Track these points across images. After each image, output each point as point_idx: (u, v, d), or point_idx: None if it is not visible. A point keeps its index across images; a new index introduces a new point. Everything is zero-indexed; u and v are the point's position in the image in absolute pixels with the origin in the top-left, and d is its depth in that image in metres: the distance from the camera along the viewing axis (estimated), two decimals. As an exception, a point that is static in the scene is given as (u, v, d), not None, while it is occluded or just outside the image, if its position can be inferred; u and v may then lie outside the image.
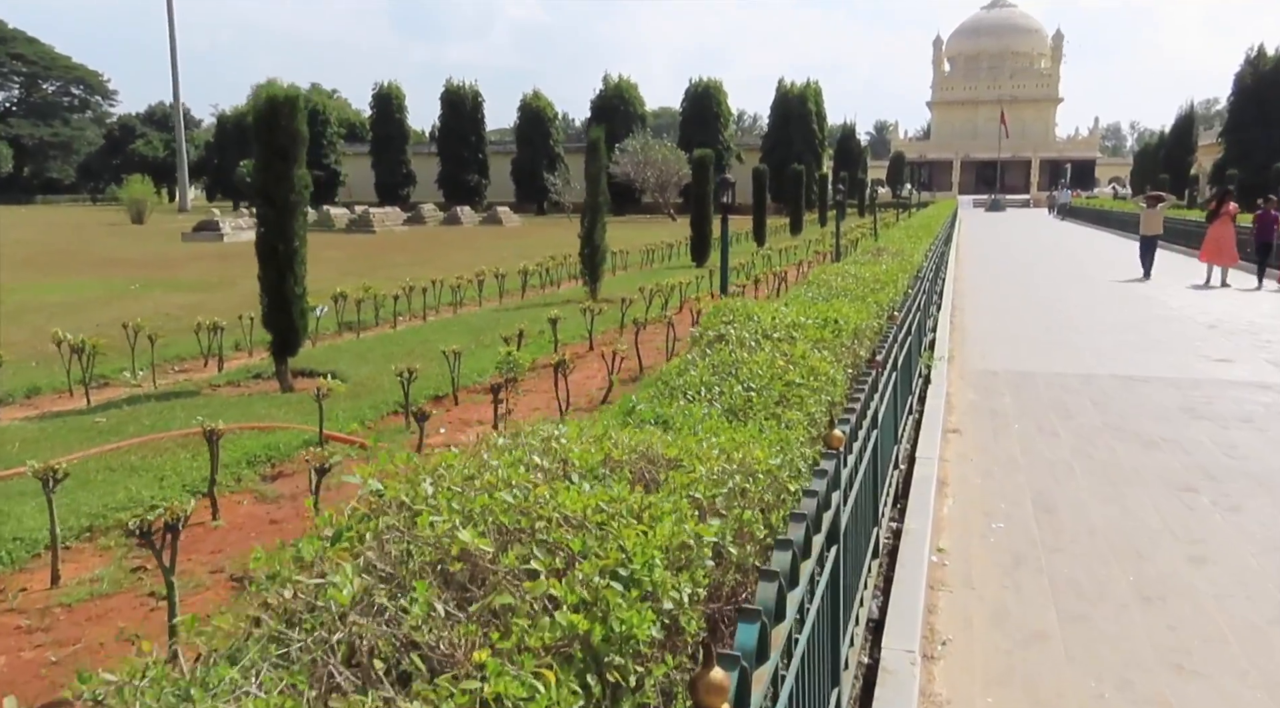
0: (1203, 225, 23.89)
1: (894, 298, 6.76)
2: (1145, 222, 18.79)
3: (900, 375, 5.74)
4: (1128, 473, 5.96)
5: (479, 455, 2.34)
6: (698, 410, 3.06)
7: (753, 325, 4.03)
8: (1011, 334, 11.66)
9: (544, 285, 18.47)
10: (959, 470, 6.08)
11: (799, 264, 20.23)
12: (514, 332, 12.32)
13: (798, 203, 35.08)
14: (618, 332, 11.30)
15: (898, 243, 10.92)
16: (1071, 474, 5.96)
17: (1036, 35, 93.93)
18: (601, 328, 13.05)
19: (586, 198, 15.48)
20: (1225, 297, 15.10)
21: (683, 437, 2.55)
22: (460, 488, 2.03)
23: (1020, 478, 5.90)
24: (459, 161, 68.29)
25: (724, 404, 3.19)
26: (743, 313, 4.25)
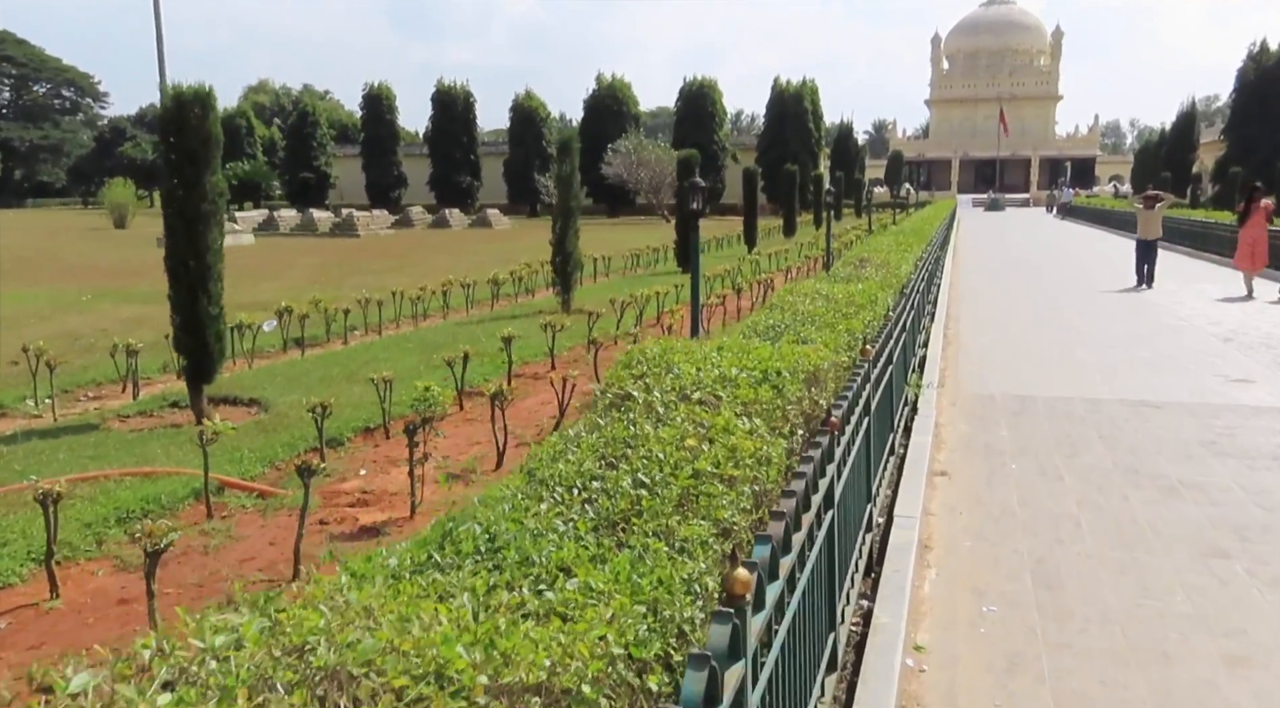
0: (1210, 226, 22.91)
1: (872, 322, 5.84)
2: (1143, 223, 17.31)
3: (876, 417, 4.83)
4: (1145, 531, 5.03)
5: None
6: (555, 521, 2.15)
7: (671, 380, 3.11)
8: (1010, 349, 10.73)
9: (518, 294, 17.55)
10: (946, 529, 5.15)
11: (787, 270, 19.30)
12: (471, 348, 11.44)
13: (790, 204, 34.12)
14: (585, 347, 10.37)
15: (884, 252, 10.00)
16: (1078, 533, 5.03)
17: (1036, 32, 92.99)
18: (569, 343, 12.14)
19: (557, 202, 14.56)
20: (1240, 305, 14.16)
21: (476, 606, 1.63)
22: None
23: (1018, 540, 4.97)
24: (450, 163, 67.41)
25: (601, 511, 2.27)
26: (660, 363, 3.33)
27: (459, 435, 7.91)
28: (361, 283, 19.74)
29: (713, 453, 2.56)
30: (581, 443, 2.62)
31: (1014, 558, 4.74)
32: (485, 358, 10.72)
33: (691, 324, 9.58)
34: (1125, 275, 18.67)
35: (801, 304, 5.67)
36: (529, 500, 2.35)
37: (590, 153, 64.44)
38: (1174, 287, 16.34)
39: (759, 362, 3.40)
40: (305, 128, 72.32)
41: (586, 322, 11.66)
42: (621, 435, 2.65)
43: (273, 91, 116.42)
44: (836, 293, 6.09)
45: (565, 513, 2.26)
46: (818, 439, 2.89)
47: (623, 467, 2.48)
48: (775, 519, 2.19)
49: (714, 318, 13.33)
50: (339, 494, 6.40)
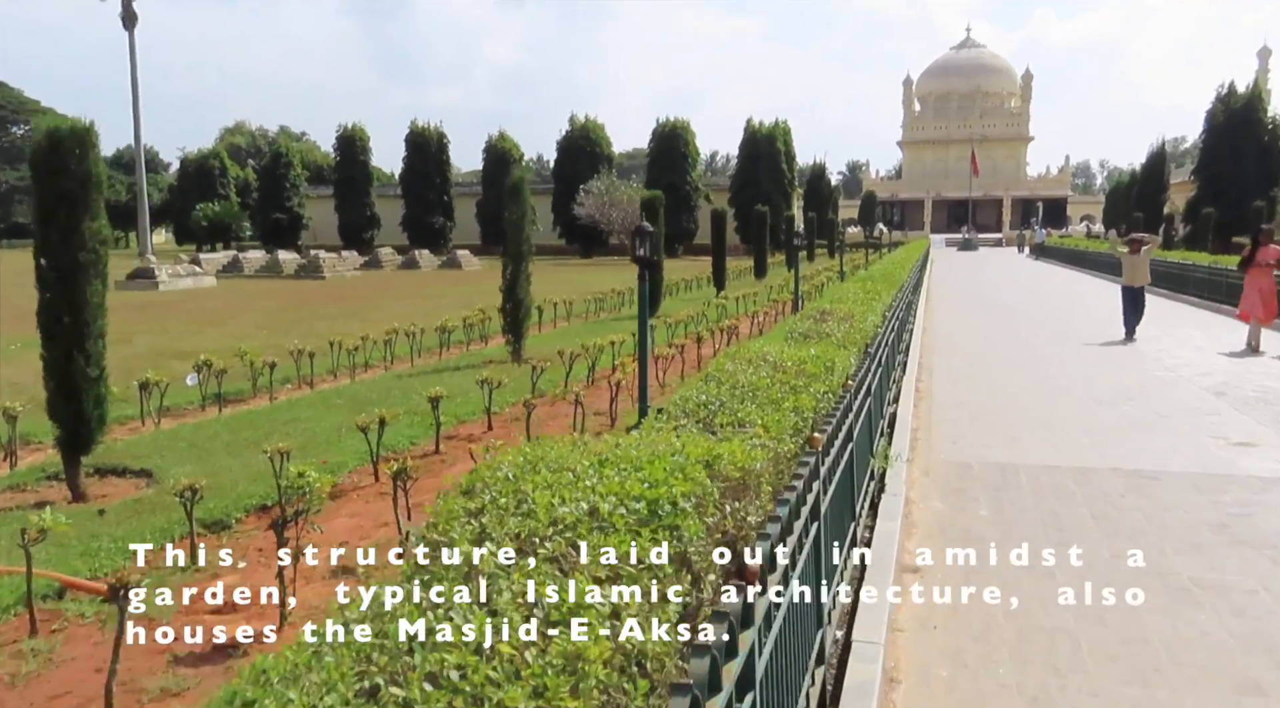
0: (1188, 267, 22.35)
1: (828, 394, 4.95)
2: (1128, 269, 15.66)
3: (828, 519, 3.93)
4: (1159, 655, 4.12)
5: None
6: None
7: (517, 521, 2.19)
8: (988, 405, 9.89)
9: (470, 342, 16.60)
10: (918, 653, 4.22)
11: (753, 315, 18.49)
12: (404, 406, 10.47)
13: (761, 245, 33.50)
14: (525, 405, 9.38)
15: (849, 302, 9.16)
16: (1078, 658, 4.12)
17: (1006, 75, 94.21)
18: (513, 397, 11.19)
19: (508, 246, 13.71)
20: (1227, 355, 13.45)
21: None
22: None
23: (1006, 669, 4.04)
24: (423, 204, 66.83)
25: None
26: (510, 490, 2.40)
27: (367, 514, 6.92)
28: (312, 329, 18.77)
29: (542, 664, 1.63)
30: (341, 648, 1.68)
31: (1001, 696, 3.82)
32: (417, 417, 9.74)
33: (640, 396, 8.68)
34: (1105, 320, 18.00)
35: (743, 374, 4.77)
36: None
37: (564, 193, 64.28)
38: (1156, 333, 15.66)
39: (654, 480, 2.48)
40: (278, 169, 71.64)
41: (530, 375, 10.72)
42: (400, 639, 1.71)
43: (249, 133, 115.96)
44: (787, 358, 5.21)
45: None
46: (729, 603, 1.99)
47: (390, 696, 1.54)
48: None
49: (671, 369, 12.45)
50: (203, 598, 5.38)
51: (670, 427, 4.08)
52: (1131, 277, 15.47)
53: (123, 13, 62.67)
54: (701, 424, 4.22)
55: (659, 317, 19.84)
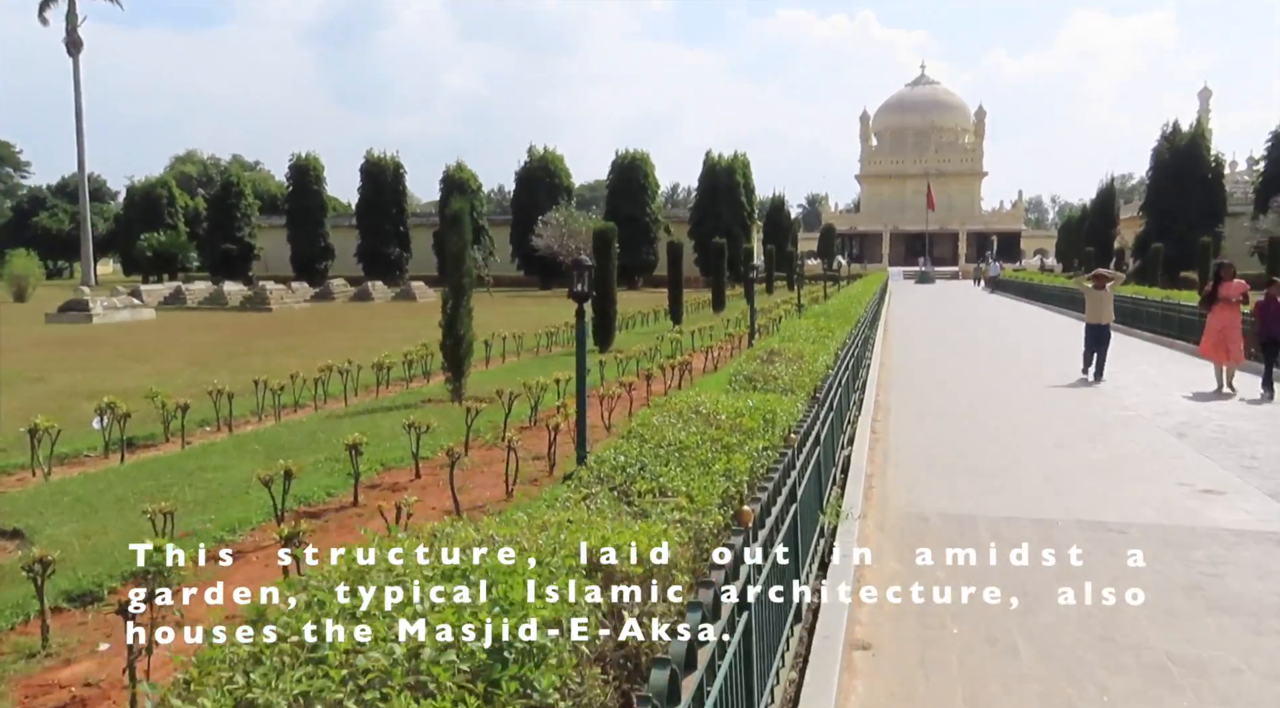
0: (1141, 301, 22.30)
1: (768, 450, 4.42)
2: (1092, 306, 14.80)
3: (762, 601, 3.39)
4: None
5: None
6: None
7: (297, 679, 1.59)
8: (945, 448, 9.44)
9: (411, 378, 15.88)
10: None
11: (708, 349, 18.01)
12: (326, 452, 9.77)
13: (719, 278, 33.20)
14: (448, 454, 8.69)
15: (800, 341, 8.68)
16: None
17: (960, 111, 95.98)
18: (449, 440, 10.51)
19: (448, 279, 13.09)
20: (1184, 393, 13.21)
21: None
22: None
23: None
24: (379, 234, 65.81)
25: None
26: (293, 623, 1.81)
27: (263, 580, 6.20)
28: (246, 364, 17.91)
29: None
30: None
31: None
32: (338, 464, 9.05)
33: (578, 441, 8.10)
34: (1061, 355, 17.80)
35: (670, 429, 4.23)
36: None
37: (522, 225, 63.73)
38: (1112, 369, 15.40)
39: (510, 600, 1.90)
40: (229, 198, 70.24)
41: (466, 417, 10.07)
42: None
43: (200, 161, 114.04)
44: (722, 409, 4.67)
45: None
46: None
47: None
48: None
49: (618, 408, 11.88)
50: (50, 688, 4.66)
51: (579, 497, 3.51)
52: (1096, 314, 14.67)
53: (67, 38, 61.52)
54: (618, 492, 3.66)
55: (612, 351, 19.30)
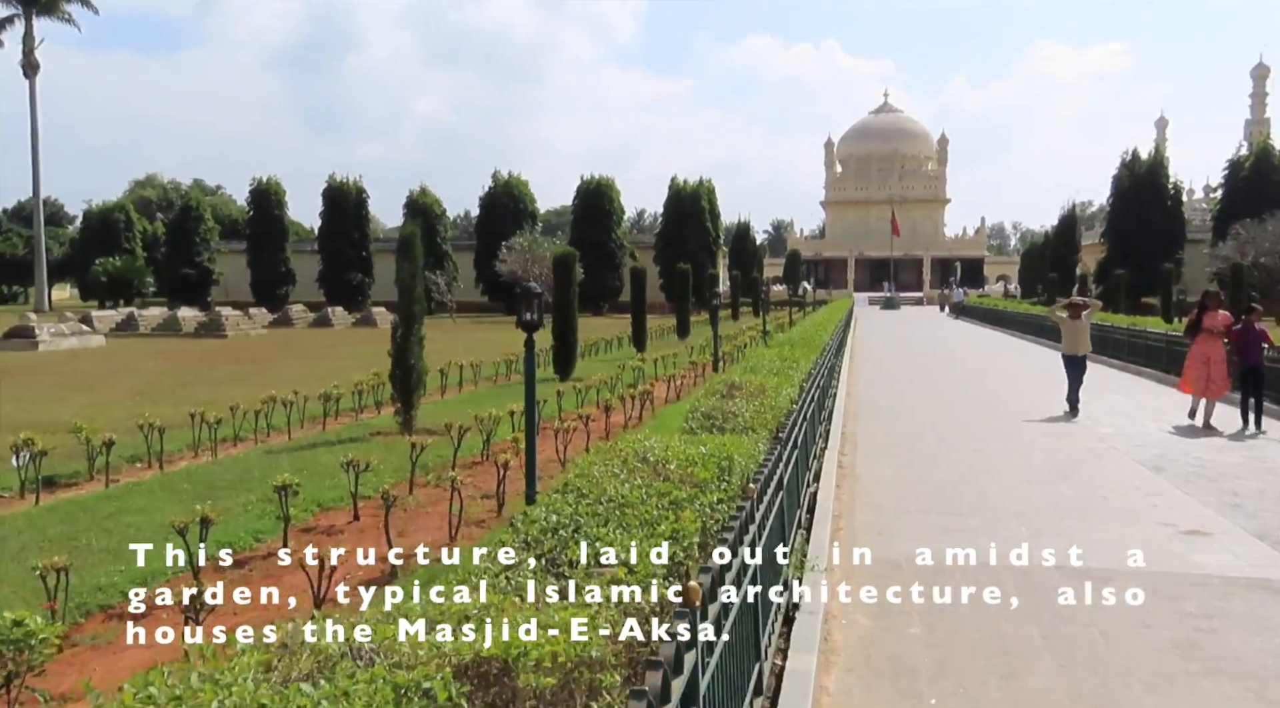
0: (1106, 328, 22.18)
1: (722, 503, 3.91)
2: (1068, 336, 13.90)
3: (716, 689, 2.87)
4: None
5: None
6: None
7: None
8: (916, 486, 9.01)
9: (362, 409, 15.21)
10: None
11: (670, 378, 17.53)
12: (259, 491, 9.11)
13: (684, 304, 32.83)
14: (383, 497, 8.03)
15: (762, 374, 8.22)
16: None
17: (923, 139, 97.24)
18: (394, 477, 9.90)
19: (399, 305, 12.51)
20: (1156, 423, 12.94)
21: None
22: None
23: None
24: (341, 260, 64.85)
25: None
26: None
27: (161, 656, 5.56)
28: (192, 394, 17.12)
29: None
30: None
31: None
32: (271, 505, 8.39)
33: (528, 479, 7.56)
34: (1030, 383, 17.57)
35: (612, 481, 3.71)
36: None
37: (487, 250, 63.13)
38: (1083, 398, 15.15)
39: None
40: (188, 223, 68.94)
41: (410, 454, 9.47)
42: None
43: (160, 186, 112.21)
44: (673, 456, 4.17)
45: None
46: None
47: None
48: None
49: (575, 440, 11.32)
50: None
51: (496, 571, 2.98)
52: (1072, 344, 13.80)
53: (23, 60, 60.28)
54: (546, 561, 3.13)
55: (572, 380, 18.75)
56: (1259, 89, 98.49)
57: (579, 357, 25.61)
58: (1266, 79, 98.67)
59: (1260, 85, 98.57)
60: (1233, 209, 49.93)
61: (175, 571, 6.68)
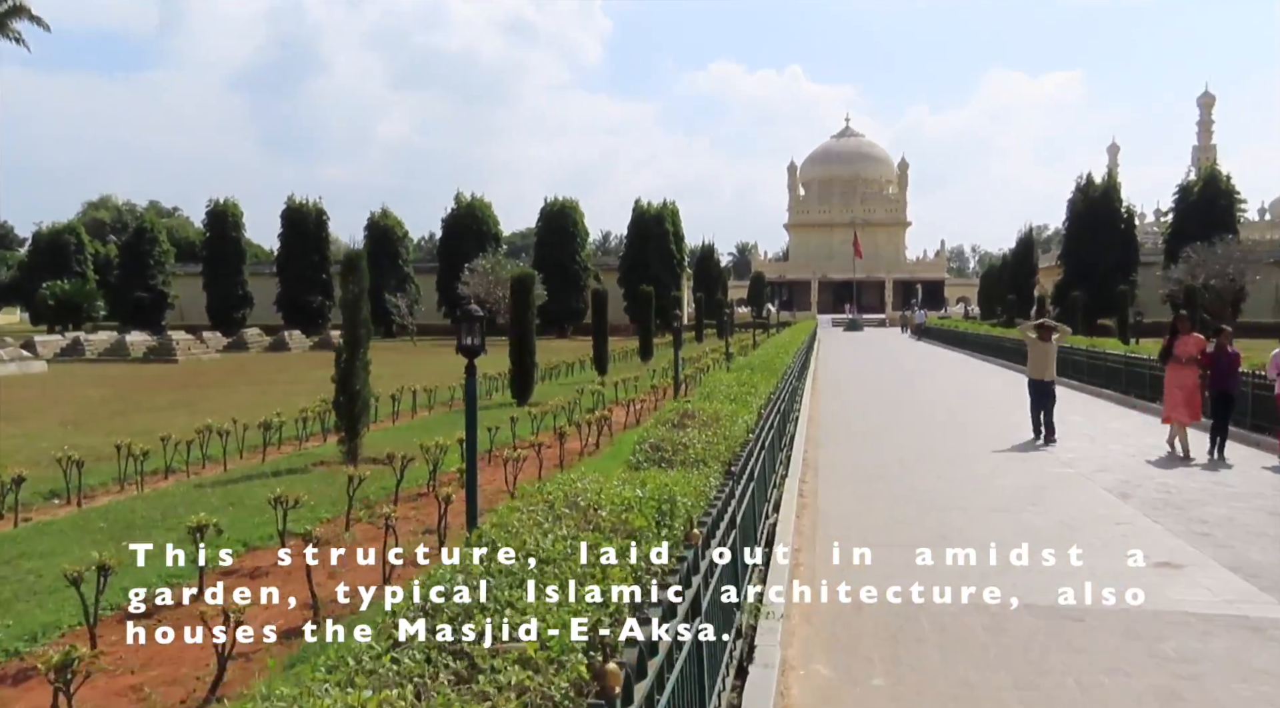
0: (1064, 349, 22.12)
1: (661, 552, 3.48)
2: (1036, 359, 13.35)
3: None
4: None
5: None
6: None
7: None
8: (879, 519, 8.65)
9: (307, 437, 14.59)
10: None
11: (630, 403, 17.09)
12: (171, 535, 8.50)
13: (647, 326, 32.49)
14: (305, 539, 7.40)
15: (718, 401, 7.83)
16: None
17: (884, 163, 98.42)
18: (331, 510, 9.37)
19: (344, 329, 11.98)
20: (1122, 447, 12.76)
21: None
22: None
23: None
24: (300, 282, 63.75)
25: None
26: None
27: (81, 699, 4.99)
28: (131, 423, 16.37)
29: None
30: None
31: None
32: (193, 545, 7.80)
33: (469, 514, 7.08)
34: (992, 405, 17.40)
35: (532, 534, 3.27)
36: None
37: (449, 272, 62.44)
38: (1045, 420, 14.97)
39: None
40: (142, 245, 67.40)
41: (348, 487, 8.92)
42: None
43: (115, 207, 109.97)
44: (607, 499, 3.74)
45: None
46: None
47: None
48: None
49: (527, 469, 10.83)
50: None
51: (380, 651, 2.52)
52: (1040, 368, 13.22)
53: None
54: (443, 636, 2.67)
55: (530, 404, 18.27)
56: (1205, 116, 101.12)
57: (538, 380, 25.10)
58: (1212, 107, 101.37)
59: (1206, 113, 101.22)
60: (1183, 232, 50.88)
61: (74, 622, 6.09)
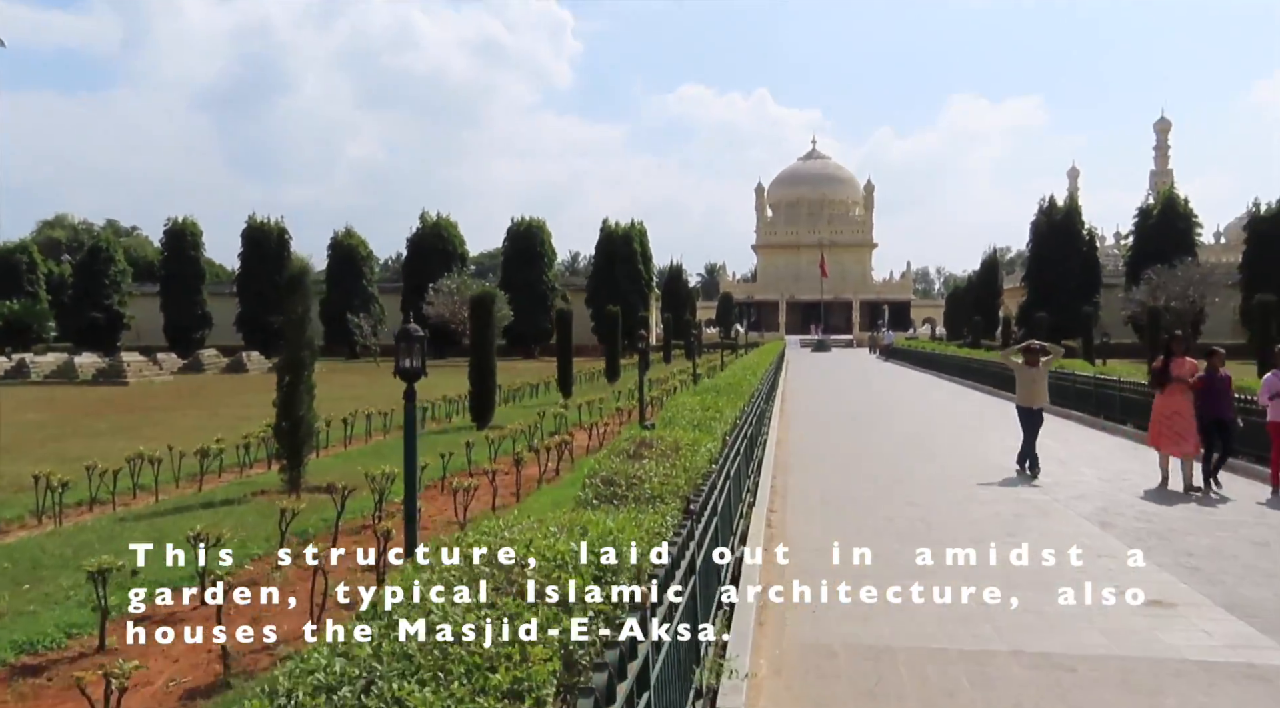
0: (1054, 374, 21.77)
1: (603, 614, 2.93)
2: (1024, 386, 12.32)
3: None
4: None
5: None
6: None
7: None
8: (852, 552, 8.14)
9: (250, 463, 13.84)
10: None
11: (592, 427, 16.50)
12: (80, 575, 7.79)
13: (613, 347, 31.98)
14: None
15: (682, 425, 7.31)
16: None
17: (850, 185, 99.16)
18: (264, 546, 8.69)
19: (286, 350, 11.31)
20: (1096, 472, 12.41)
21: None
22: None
23: None
24: (261, 302, 62.31)
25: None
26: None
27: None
28: (64, 450, 15.50)
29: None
30: None
31: None
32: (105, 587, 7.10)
33: (407, 545, 6.47)
34: (962, 427, 17.06)
35: (439, 606, 2.71)
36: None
37: (414, 293, 61.53)
38: (1012, 443, 14.60)
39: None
40: (97, 265, 65.81)
41: (280, 521, 8.26)
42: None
43: (71, 226, 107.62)
44: (538, 551, 3.18)
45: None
46: None
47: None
48: None
49: (480, 499, 10.21)
50: None
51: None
52: (1028, 396, 12.16)
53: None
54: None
55: (490, 428, 17.60)
56: (1161, 142, 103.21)
57: (501, 402, 24.45)
58: (1168, 132, 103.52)
59: (1163, 138, 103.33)
60: (1144, 254, 51.48)
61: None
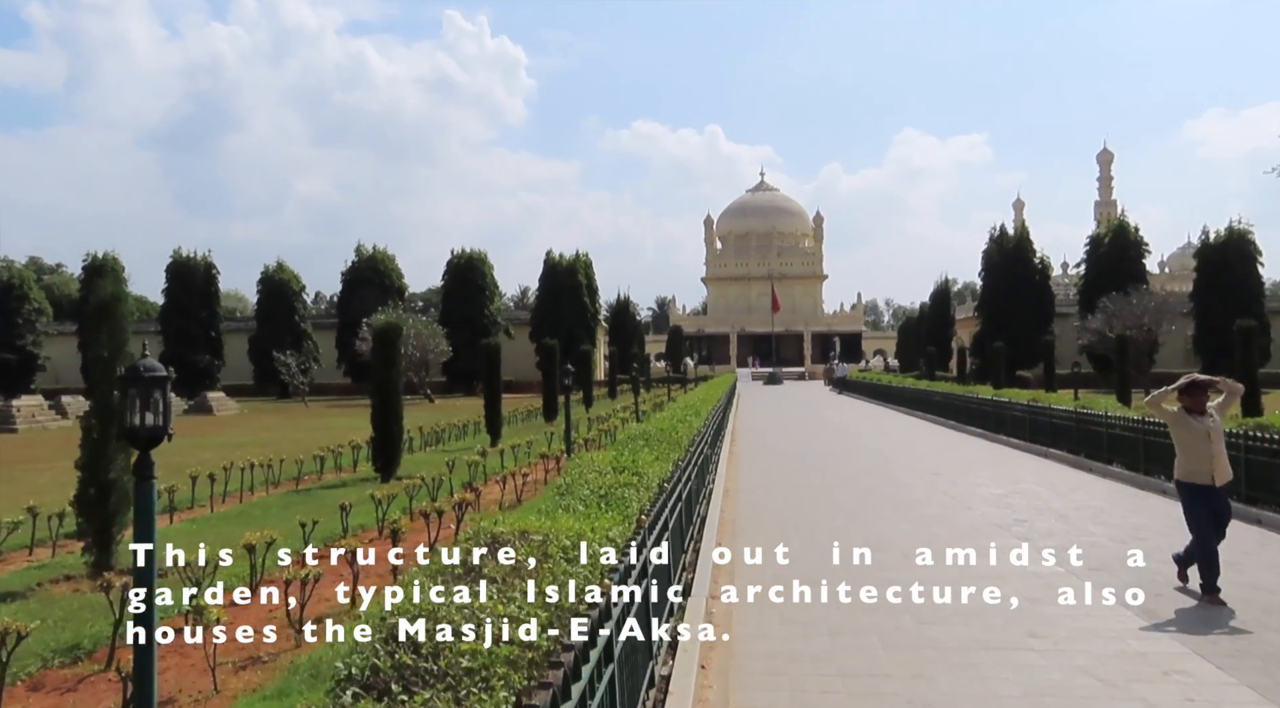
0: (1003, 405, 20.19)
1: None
2: (1188, 448, 7.28)
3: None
4: None
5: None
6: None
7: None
8: (807, 608, 6.12)
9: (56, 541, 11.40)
10: None
11: (511, 474, 14.26)
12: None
13: (551, 383, 29.85)
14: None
15: (579, 497, 5.28)
16: None
17: (799, 217, 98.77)
18: (44, 644, 6.41)
19: (94, 395, 9.03)
20: (1102, 529, 10.64)
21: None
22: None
23: None
24: (186, 340, 59.28)
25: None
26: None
27: None
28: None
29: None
30: None
31: None
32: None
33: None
34: (940, 474, 15.24)
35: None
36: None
37: (348, 328, 58.86)
38: (994, 491, 12.82)
39: None
40: (9, 303, 62.00)
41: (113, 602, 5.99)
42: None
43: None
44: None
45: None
46: None
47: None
48: None
49: (329, 584, 7.99)
50: None
51: None
52: (1197, 460, 7.18)
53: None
54: None
55: (397, 479, 15.28)
56: (1104, 173, 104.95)
57: (421, 447, 22.16)
58: (1111, 163, 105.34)
59: (1105, 169, 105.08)
60: (1096, 283, 51.02)
61: None
